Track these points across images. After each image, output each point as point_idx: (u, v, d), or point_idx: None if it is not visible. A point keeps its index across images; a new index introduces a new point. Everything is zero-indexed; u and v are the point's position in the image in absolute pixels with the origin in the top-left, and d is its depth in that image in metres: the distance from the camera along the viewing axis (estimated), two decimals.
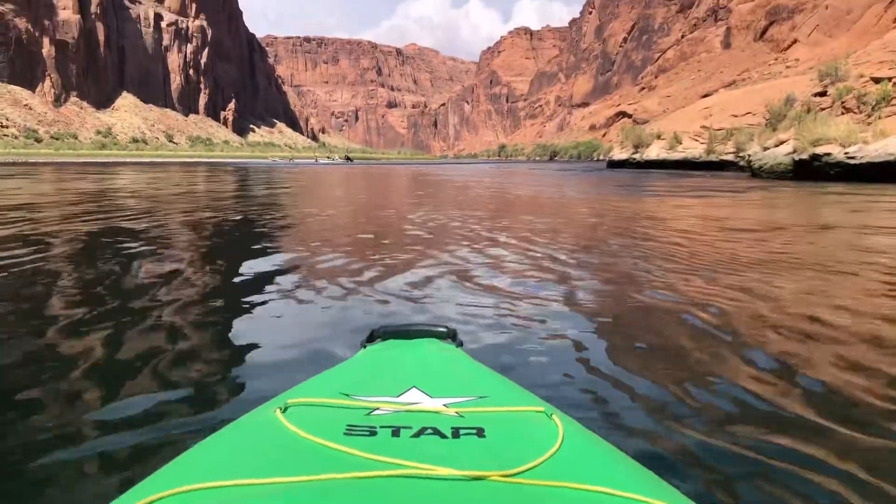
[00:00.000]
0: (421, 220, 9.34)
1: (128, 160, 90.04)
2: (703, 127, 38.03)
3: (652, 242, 6.96)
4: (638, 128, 45.38)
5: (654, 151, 40.88)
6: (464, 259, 5.65)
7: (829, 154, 17.77)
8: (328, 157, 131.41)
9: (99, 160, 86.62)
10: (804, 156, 18.63)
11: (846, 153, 17.28)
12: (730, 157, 33.59)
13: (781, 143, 21.41)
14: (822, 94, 22.87)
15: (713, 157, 35.07)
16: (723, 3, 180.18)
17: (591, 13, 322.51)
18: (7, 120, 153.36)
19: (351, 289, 4.33)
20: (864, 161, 16.85)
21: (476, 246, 6.54)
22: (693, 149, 37.60)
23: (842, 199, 13.18)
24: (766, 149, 22.43)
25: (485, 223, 9.15)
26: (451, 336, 1.47)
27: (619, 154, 47.16)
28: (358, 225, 9.45)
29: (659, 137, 42.10)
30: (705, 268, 5.18)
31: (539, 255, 5.94)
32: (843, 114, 20.17)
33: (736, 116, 37.15)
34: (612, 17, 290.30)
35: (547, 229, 8.40)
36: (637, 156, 43.14)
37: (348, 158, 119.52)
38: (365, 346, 1.45)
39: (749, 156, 24.16)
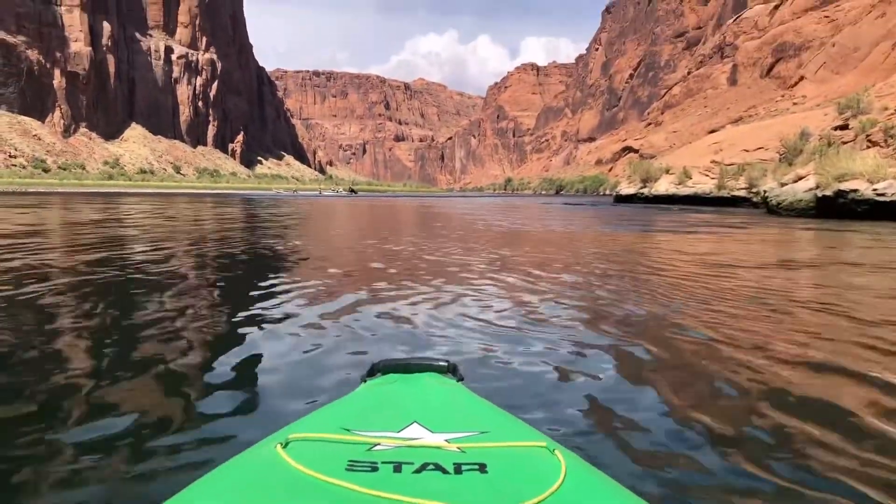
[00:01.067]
0: (422, 254, 9.38)
1: (131, 191, 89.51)
2: (714, 162, 36.85)
3: (667, 282, 6.62)
4: (646, 162, 44.26)
5: (663, 186, 39.68)
6: (464, 293, 5.64)
7: (855, 190, 16.45)
8: (332, 189, 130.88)
9: (101, 190, 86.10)
10: (828, 192, 17.31)
11: (874, 189, 15.97)
12: (742, 193, 32.36)
13: (800, 178, 20.13)
14: (844, 127, 21.66)
15: (724, 193, 33.82)
16: (729, 40, 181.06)
17: (597, 50, 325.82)
18: (16, 150, 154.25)
19: (350, 322, 4.38)
20: (895, 198, 15.53)
21: (476, 280, 6.52)
22: (703, 184, 36.38)
23: (875, 239, 11.82)
24: (783, 184, 21.14)
25: (484, 256, 9.08)
26: (451, 370, 1.47)
27: (626, 188, 46.02)
28: (358, 258, 9.35)
29: (668, 172, 40.93)
30: (724, 310, 4.90)
31: (542, 291, 5.87)
32: (868, 147, 18.91)
33: (747, 151, 35.99)
34: (619, 53, 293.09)
35: (551, 266, 8.11)
36: (645, 190, 41.95)
37: (352, 190, 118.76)
38: (365, 381, 1.45)
39: (765, 192, 22.86)
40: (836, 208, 17.29)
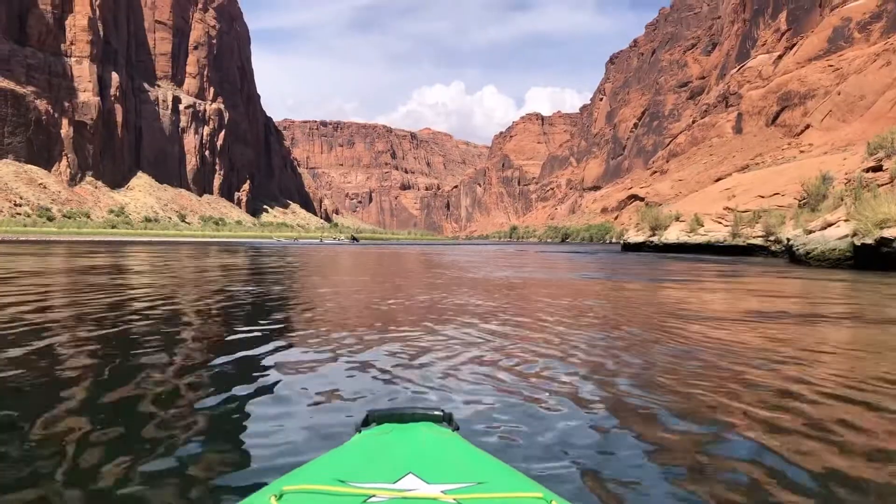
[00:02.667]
0: (420, 304, 9.21)
1: (129, 239, 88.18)
2: (727, 208, 34.96)
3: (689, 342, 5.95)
4: (655, 209, 42.38)
5: (674, 234, 37.67)
6: (461, 342, 5.64)
7: None
8: (333, 238, 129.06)
9: (98, 238, 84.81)
10: (868, 240, 15.24)
11: None
12: (758, 242, 30.28)
13: (830, 224, 18.12)
14: (877, 168, 19.79)
15: (739, 241, 31.69)
16: (733, 89, 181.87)
17: (601, 100, 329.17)
18: (21, 199, 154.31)
19: (343, 371, 4.46)
20: None
21: (473, 331, 6.36)
22: (716, 232, 34.33)
23: None
24: (810, 231, 19.10)
25: (479, 310, 8.55)
26: (447, 419, 1.46)
27: (634, 236, 44.06)
28: (348, 309, 9.05)
29: (678, 219, 38.97)
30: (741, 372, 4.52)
31: (544, 343, 5.74)
32: None
33: (762, 197, 34.10)
34: (623, 103, 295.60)
35: (549, 319, 7.48)
36: (655, 238, 39.93)
37: (354, 239, 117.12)
38: (360, 431, 1.44)
39: (788, 240, 20.83)
40: (879, 258, 15.18)
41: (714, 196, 42.20)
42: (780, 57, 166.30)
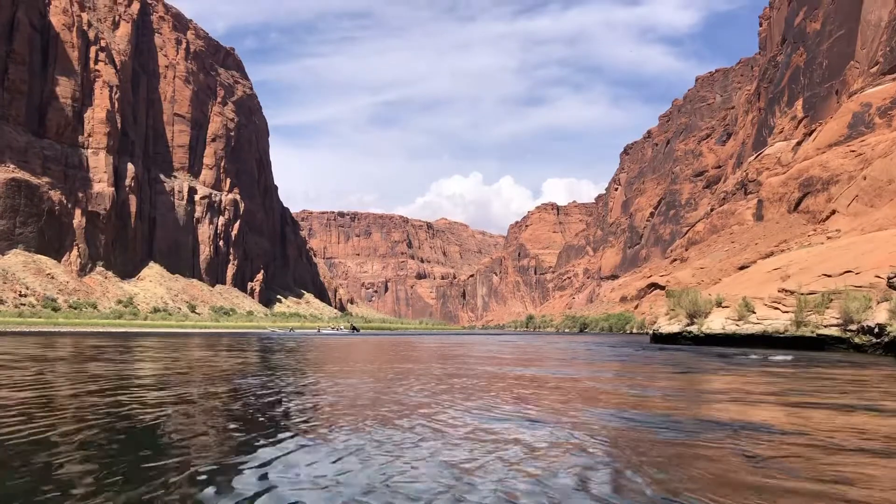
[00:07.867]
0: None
1: (116, 330, 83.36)
2: (783, 290, 29.17)
3: None
4: (693, 291, 36.55)
5: (718, 323, 31.65)
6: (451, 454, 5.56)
7: None
8: (332, 328, 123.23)
9: (75, 330, 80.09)
10: None
11: None
12: (833, 332, 24.30)
13: None
14: None
15: (807, 332, 25.66)
16: (752, 176, 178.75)
17: (616, 189, 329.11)
18: (27, 289, 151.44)
19: (329, 472, 4.71)
20: None
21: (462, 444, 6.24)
22: (773, 319, 28.26)
23: None
24: None
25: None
26: None
27: (667, 326, 37.98)
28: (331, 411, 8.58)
29: (720, 304, 33.04)
30: None
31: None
32: None
33: (828, 276, 28.34)
34: (639, 192, 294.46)
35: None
36: (693, 328, 33.88)
37: (354, 328, 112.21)
38: None
39: None
40: None
41: (761, 277, 36.40)
42: (798, 143, 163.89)
